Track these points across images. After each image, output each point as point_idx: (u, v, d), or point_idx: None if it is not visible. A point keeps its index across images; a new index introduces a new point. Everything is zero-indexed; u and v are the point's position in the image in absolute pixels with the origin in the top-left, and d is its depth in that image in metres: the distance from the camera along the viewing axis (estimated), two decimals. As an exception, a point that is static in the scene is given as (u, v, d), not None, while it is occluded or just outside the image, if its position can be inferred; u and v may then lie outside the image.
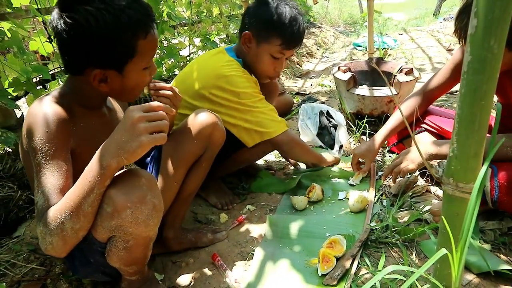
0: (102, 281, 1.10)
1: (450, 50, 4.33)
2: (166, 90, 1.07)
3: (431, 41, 5.17)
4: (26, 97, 1.64)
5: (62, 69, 1.74)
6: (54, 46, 1.70)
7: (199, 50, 2.87)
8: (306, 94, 3.11)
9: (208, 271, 1.19)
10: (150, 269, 1.11)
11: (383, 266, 1.12)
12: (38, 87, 1.67)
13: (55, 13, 0.81)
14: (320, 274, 1.11)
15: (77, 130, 0.89)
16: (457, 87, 0.62)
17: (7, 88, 1.42)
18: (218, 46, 2.96)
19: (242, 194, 1.65)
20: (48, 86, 1.73)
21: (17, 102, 1.50)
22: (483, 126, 0.59)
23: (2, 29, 1.44)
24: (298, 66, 4.30)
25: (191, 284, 1.14)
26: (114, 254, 0.89)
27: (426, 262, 0.60)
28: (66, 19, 0.79)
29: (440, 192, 1.48)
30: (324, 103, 2.74)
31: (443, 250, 0.63)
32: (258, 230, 1.38)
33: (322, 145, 1.99)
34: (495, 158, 0.62)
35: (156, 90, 1.07)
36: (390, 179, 1.46)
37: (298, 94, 3.16)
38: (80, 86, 0.91)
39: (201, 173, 1.26)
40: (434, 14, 8.88)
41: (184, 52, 2.84)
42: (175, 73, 2.61)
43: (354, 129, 2.08)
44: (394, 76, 2.11)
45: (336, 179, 1.70)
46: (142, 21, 0.86)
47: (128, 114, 0.75)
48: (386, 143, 1.85)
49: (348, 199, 1.51)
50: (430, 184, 1.53)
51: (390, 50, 4.72)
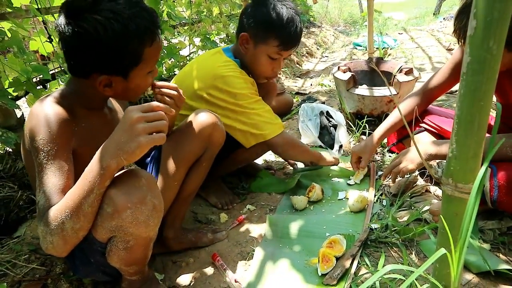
0: (103, 280, 1.11)
1: (450, 50, 4.33)
2: (171, 89, 1.09)
3: (431, 40, 5.17)
4: (26, 97, 1.63)
5: (62, 69, 1.74)
6: (54, 46, 1.70)
7: (199, 49, 2.87)
8: (306, 94, 3.11)
9: (208, 271, 1.20)
10: (151, 269, 1.12)
11: (383, 266, 1.12)
12: (38, 87, 1.67)
13: (62, 19, 0.81)
14: (320, 274, 1.12)
15: (78, 131, 0.89)
16: (457, 87, 0.62)
17: (7, 88, 1.42)
18: (218, 45, 2.96)
19: (242, 194, 1.65)
20: (48, 86, 1.74)
21: (17, 102, 1.49)
22: (482, 126, 0.59)
23: (2, 29, 1.44)
24: (298, 65, 4.30)
25: (191, 284, 1.15)
26: (114, 254, 0.89)
27: (425, 262, 0.60)
28: (75, 27, 0.80)
29: (439, 191, 1.48)
30: (324, 103, 2.74)
31: (442, 250, 0.63)
32: (258, 230, 1.38)
33: (322, 145, 1.99)
34: (495, 158, 0.63)
35: (160, 89, 1.08)
36: (389, 179, 1.46)
37: (298, 93, 3.16)
38: (83, 89, 0.92)
39: (201, 173, 1.26)
40: (434, 14, 8.88)
41: (184, 51, 2.83)
42: (175, 72, 2.61)
43: (354, 129, 2.08)
44: (394, 76, 2.11)
45: (336, 179, 1.71)
46: (149, 29, 0.87)
47: (127, 114, 0.76)
48: (385, 143, 1.86)
49: (347, 199, 1.51)
50: (429, 184, 1.53)
51: (390, 49, 4.72)
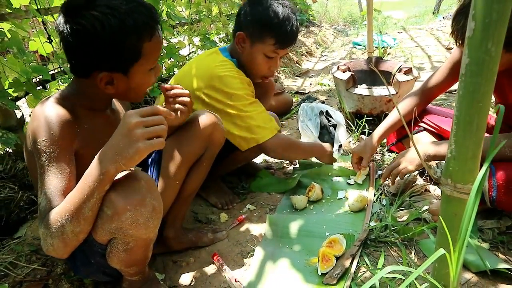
0: (104, 281, 1.11)
1: (449, 49, 4.33)
2: (184, 96, 1.09)
3: (430, 39, 5.17)
4: (26, 97, 1.64)
5: (62, 69, 1.74)
6: (54, 46, 1.70)
7: (199, 49, 2.87)
8: (306, 93, 3.11)
9: (208, 271, 1.20)
10: (151, 269, 1.12)
11: (383, 265, 1.13)
12: (38, 88, 1.67)
13: (61, 18, 0.82)
14: (319, 273, 1.12)
15: (81, 132, 0.89)
16: (456, 86, 0.62)
17: (7, 88, 1.42)
18: (218, 45, 2.96)
19: (242, 194, 1.66)
20: (48, 87, 1.74)
21: (17, 103, 1.50)
22: (481, 127, 0.59)
23: (2, 29, 1.44)
24: (297, 65, 4.31)
25: (192, 283, 1.15)
26: (114, 255, 0.89)
27: (425, 262, 0.60)
28: (73, 25, 0.80)
29: (439, 191, 1.48)
30: (323, 102, 2.74)
31: (441, 250, 0.64)
32: (258, 229, 1.39)
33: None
34: (494, 157, 0.63)
35: (174, 96, 1.09)
36: (389, 181, 1.46)
37: (297, 93, 3.16)
38: (85, 89, 0.92)
39: (201, 173, 1.26)
40: (433, 12, 8.87)
41: (183, 51, 2.84)
42: (175, 72, 2.61)
43: (354, 128, 2.08)
44: (393, 75, 2.12)
45: (335, 178, 1.71)
46: (147, 23, 0.86)
47: (125, 119, 0.75)
48: (385, 142, 1.86)
49: (347, 199, 1.52)
50: (429, 183, 1.53)
51: (390, 48, 4.72)
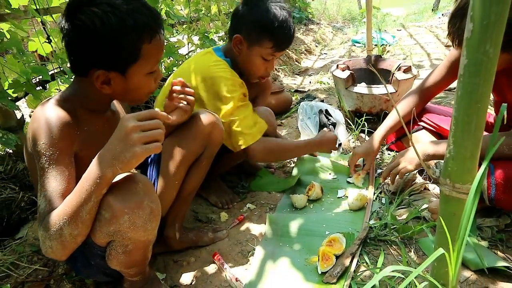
0: (105, 281, 1.11)
1: (448, 46, 4.33)
2: (189, 95, 1.11)
3: (430, 37, 5.17)
4: (26, 98, 1.64)
5: (61, 69, 1.74)
6: (53, 46, 1.70)
7: (198, 48, 2.87)
8: (305, 92, 3.11)
9: (209, 270, 1.21)
10: (152, 268, 1.13)
11: (382, 264, 1.14)
12: (38, 88, 1.68)
13: (64, 13, 0.83)
14: (320, 272, 1.13)
15: (80, 134, 0.89)
16: (455, 84, 0.63)
17: (7, 89, 1.42)
18: (217, 44, 2.96)
19: (242, 193, 1.66)
20: (47, 87, 1.74)
21: (17, 103, 1.50)
22: (479, 128, 0.60)
23: (1, 30, 1.44)
24: (296, 63, 4.30)
25: (193, 283, 1.16)
26: (114, 257, 0.90)
27: (424, 262, 0.61)
28: (73, 20, 0.81)
29: (438, 189, 1.49)
30: (323, 101, 2.74)
31: (440, 250, 0.64)
32: (258, 228, 1.39)
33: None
34: (492, 156, 0.63)
35: (180, 92, 1.10)
36: (388, 180, 1.47)
37: (296, 91, 3.16)
38: (84, 89, 0.92)
39: (201, 172, 1.27)
40: (432, 9, 8.86)
41: (182, 50, 2.83)
42: (174, 71, 2.61)
43: (353, 127, 2.09)
44: (393, 74, 2.12)
45: (335, 178, 1.72)
46: (148, 25, 0.86)
47: (122, 123, 0.75)
48: (385, 141, 1.86)
49: (347, 197, 1.52)
50: (428, 182, 1.54)
51: (389, 46, 4.72)
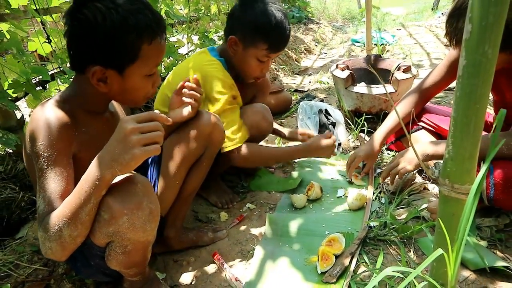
0: (105, 281, 1.12)
1: (448, 46, 4.33)
2: (197, 92, 1.14)
3: (429, 36, 5.17)
4: (25, 98, 1.64)
5: (61, 69, 1.74)
6: (53, 46, 1.70)
7: (197, 47, 2.87)
8: (305, 91, 3.11)
9: (209, 270, 1.21)
10: (152, 268, 1.13)
11: (382, 264, 1.14)
12: (38, 88, 1.67)
13: (70, 7, 0.84)
14: (319, 272, 1.13)
15: (79, 135, 0.89)
16: (455, 84, 0.63)
17: (7, 89, 1.42)
18: (217, 43, 2.96)
19: (241, 193, 1.66)
20: (47, 87, 1.74)
21: (17, 103, 1.50)
22: (478, 128, 0.60)
23: (1, 30, 1.44)
24: (296, 62, 4.30)
25: (193, 282, 1.16)
26: (113, 258, 0.90)
27: (423, 262, 0.61)
28: (77, 13, 0.82)
29: (437, 189, 1.49)
30: (322, 101, 2.74)
31: (439, 250, 0.64)
32: (258, 228, 1.40)
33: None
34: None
35: (189, 89, 1.14)
36: (388, 180, 1.47)
37: (296, 91, 3.16)
38: (83, 88, 0.92)
39: (201, 172, 1.27)
40: (432, 9, 8.85)
41: (182, 50, 2.83)
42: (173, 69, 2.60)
43: (353, 126, 2.09)
44: (392, 73, 2.12)
45: (335, 177, 1.72)
46: (150, 26, 0.86)
47: (121, 125, 0.75)
48: (384, 142, 1.87)
49: (347, 197, 1.52)
50: (427, 181, 1.54)
51: (388, 46, 4.72)
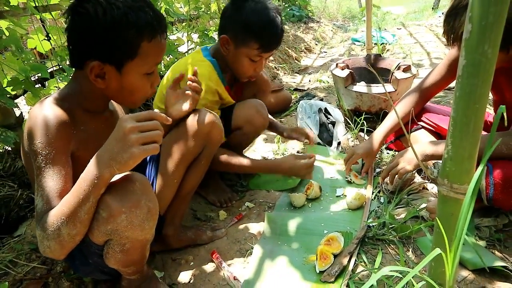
0: (103, 279, 1.12)
1: (448, 45, 4.32)
2: (198, 84, 1.19)
3: (430, 35, 5.16)
4: (24, 95, 1.63)
5: (60, 67, 1.74)
6: (53, 43, 1.70)
7: (197, 46, 2.86)
8: (304, 90, 3.11)
9: (207, 268, 1.21)
10: (150, 267, 1.13)
11: (380, 263, 1.14)
12: (37, 86, 1.67)
13: (72, 2, 0.84)
14: (318, 271, 1.13)
15: (77, 133, 0.89)
16: (454, 83, 0.62)
17: (6, 87, 1.42)
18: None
19: (240, 192, 1.66)
20: (46, 84, 1.73)
21: (16, 101, 1.50)
22: (478, 128, 0.60)
23: (0, 27, 1.43)
24: (296, 61, 4.29)
25: (191, 281, 1.16)
26: (111, 256, 0.90)
27: (421, 262, 0.61)
28: (78, 7, 0.82)
29: (436, 189, 1.49)
30: (322, 99, 2.74)
31: (438, 250, 0.64)
32: (256, 227, 1.40)
33: (320, 142, 2.00)
34: (490, 156, 0.63)
35: (192, 81, 1.17)
36: (387, 180, 1.47)
37: (296, 90, 3.16)
38: (81, 86, 0.91)
39: (200, 171, 1.27)
40: (433, 8, 8.84)
41: (182, 48, 2.83)
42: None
43: (352, 125, 2.09)
44: (392, 73, 2.12)
45: (334, 176, 1.72)
46: (150, 24, 0.86)
47: (120, 123, 0.75)
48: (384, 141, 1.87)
49: (345, 196, 1.52)
50: (427, 181, 1.54)
51: (389, 45, 4.71)
